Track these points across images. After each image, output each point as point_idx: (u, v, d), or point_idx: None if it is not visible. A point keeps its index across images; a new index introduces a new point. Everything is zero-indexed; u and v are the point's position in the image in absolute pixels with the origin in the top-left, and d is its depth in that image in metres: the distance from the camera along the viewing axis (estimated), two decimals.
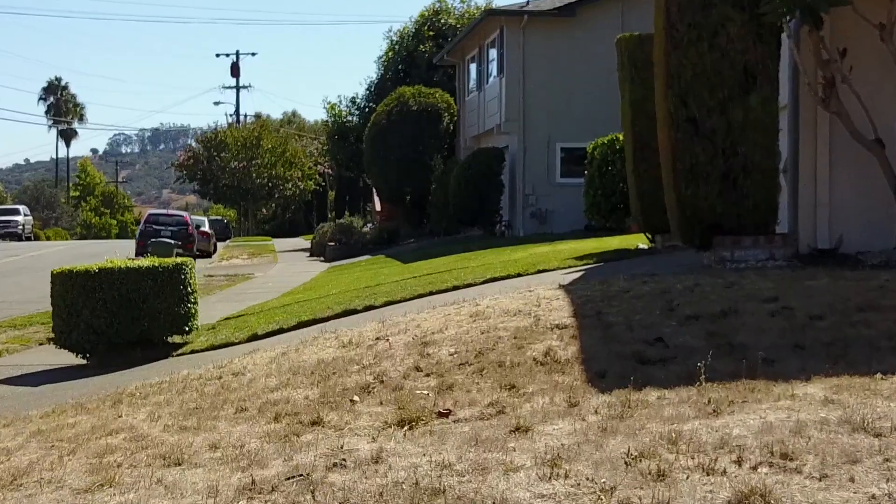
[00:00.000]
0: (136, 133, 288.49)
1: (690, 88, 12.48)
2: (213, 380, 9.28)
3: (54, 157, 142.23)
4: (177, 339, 15.06)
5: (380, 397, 7.61)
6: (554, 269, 14.67)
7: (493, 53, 36.53)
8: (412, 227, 45.02)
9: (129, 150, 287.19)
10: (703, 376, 6.90)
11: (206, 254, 46.54)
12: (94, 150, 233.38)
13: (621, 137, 17.01)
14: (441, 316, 10.81)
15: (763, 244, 12.51)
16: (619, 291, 10.96)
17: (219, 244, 58.84)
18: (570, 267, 14.85)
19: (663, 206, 13.24)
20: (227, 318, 18.47)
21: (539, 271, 14.68)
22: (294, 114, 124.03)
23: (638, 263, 14.29)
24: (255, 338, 13.87)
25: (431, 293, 14.15)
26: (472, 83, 40.22)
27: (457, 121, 42.66)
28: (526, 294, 11.48)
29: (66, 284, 14.42)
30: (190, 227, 41.64)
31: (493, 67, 36.53)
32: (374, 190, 51.71)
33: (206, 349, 13.93)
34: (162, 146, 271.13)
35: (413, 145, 41.49)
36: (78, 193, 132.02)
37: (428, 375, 8.26)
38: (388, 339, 9.75)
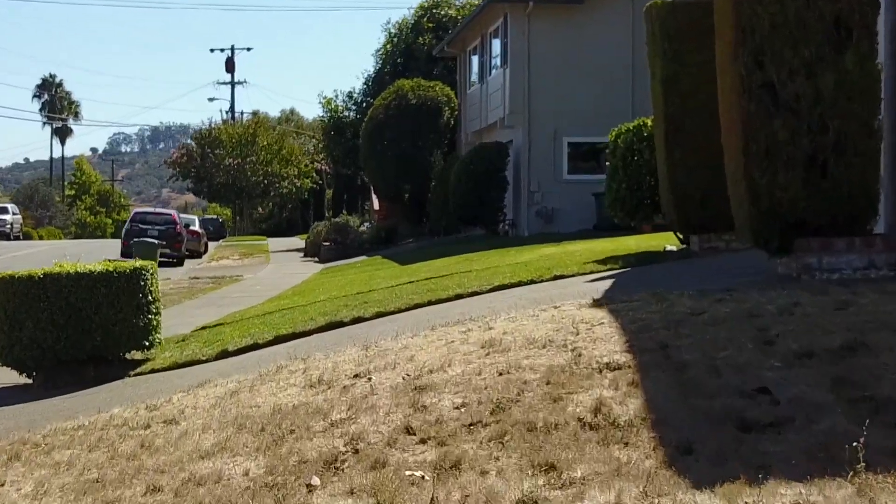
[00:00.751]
0: (135, 132, 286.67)
1: (767, 45, 9.82)
2: (138, 429, 7.22)
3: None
4: (137, 355, 13.11)
5: (350, 480, 5.50)
6: (573, 275, 12.63)
7: (497, 43, 34.58)
8: (411, 227, 43.08)
9: (128, 150, 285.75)
10: (862, 461, 4.65)
11: (197, 254, 44.61)
12: (94, 150, 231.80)
13: (649, 122, 14.96)
14: (442, 343, 8.44)
15: (860, 248, 9.91)
16: (688, 314, 8.29)
17: (213, 244, 56.96)
18: (592, 273, 12.83)
19: (700, 199, 11.29)
20: (202, 328, 16.56)
21: (555, 277, 12.63)
22: (292, 111, 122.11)
23: (679, 270, 12.08)
24: (224, 354, 11.94)
25: (430, 303, 12.20)
26: (474, 75, 38.26)
27: (458, 115, 40.70)
28: (553, 313, 9.00)
29: (7, 292, 12.44)
30: (178, 226, 39.69)
31: (497, 58, 34.58)
32: (372, 188, 49.78)
33: (169, 368, 11.99)
34: (162, 145, 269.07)
35: (412, 141, 39.54)
36: (74, 192, 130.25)
37: (424, 442, 6.02)
38: (370, 378, 7.52)
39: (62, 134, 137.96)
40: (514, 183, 32.77)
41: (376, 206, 50.71)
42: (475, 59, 38.02)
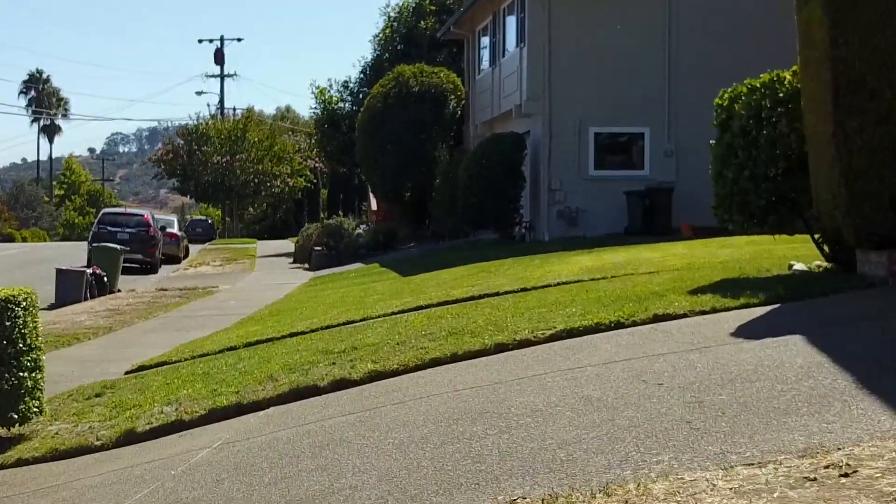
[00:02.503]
0: (133, 132, 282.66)
1: None
2: None
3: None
4: (1, 431, 8.78)
5: None
6: (683, 315, 8.02)
7: (512, 21, 30.31)
8: (412, 229, 38.82)
9: (126, 150, 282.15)
10: None
11: (175, 259, 40.33)
12: (92, 150, 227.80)
13: (787, 77, 10.48)
14: None
15: None
16: None
17: (199, 247, 52.70)
18: (715, 311, 7.96)
19: (893, 196, 6.92)
20: (136, 370, 12.35)
21: (656, 318, 8.07)
22: (288, 109, 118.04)
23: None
24: (131, 438, 7.70)
25: (455, 358, 7.86)
26: (485, 59, 33.95)
27: (465, 104, 36.42)
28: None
29: None
30: (151, 229, 35.37)
31: (511, 37, 30.29)
32: (369, 186, 45.46)
33: (44, 458, 7.73)
34: (160, 145, 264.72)
35: (414, 133, 35.25)
36: (63, 192, 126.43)
37: None
38: None
39: (50, 132, 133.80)
40: (532, 179, 28.53)
41: (374, 206, 46.42)
42: (485, 41, 33.73)
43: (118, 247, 27.79)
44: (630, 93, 27.65)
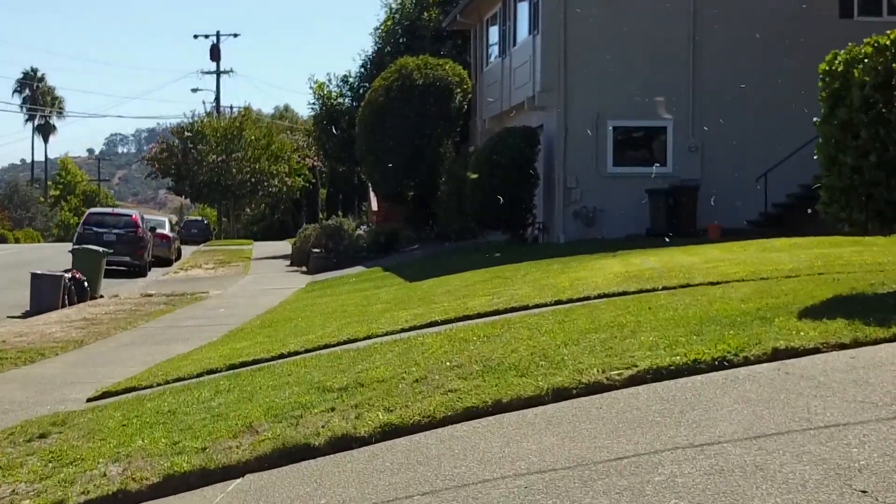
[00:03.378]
0: (132, 133, 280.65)
1: None
2: None
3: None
4: None
5: None
6: (815, 350, 5.93)
7: (524, 7, 28.35)
8: (415, 230, 36.85)
9: (125, 150, 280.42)
10: None
11: (166, 261, 38.38)
12: (91, 150, 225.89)
13: None
14: None
15: None
16: None
17: (192, 248, 50.76)
18: (856, 343, 5.93)
19: None
20: (98, 397, 10.40)
21: (776, 354, 5.90)
22: (286, 108, 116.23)
23: None
24: None
25: (499, 407, 5.75)
26: (493, 49, 31.95)
27: (471, 98, 34.45)
28: None
29: None
30: (139, 230, 33.38)
31: (524, 24, 28.31)
32: (370, 185, 43.50)
33: None
34: (153, 144, 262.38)
35: (417, 128, 33.28)
36: (58, 192, 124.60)
37: None
38: None
39: (45, 131, 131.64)
40: (545, 177, 26.57)
41: (374, 206, 44.45)
42: (494, 30, 31.76)
43: (100, 249, 25.80)
44: (652, 83, 25.72)
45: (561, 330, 7.99)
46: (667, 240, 22.72)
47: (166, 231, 39.28)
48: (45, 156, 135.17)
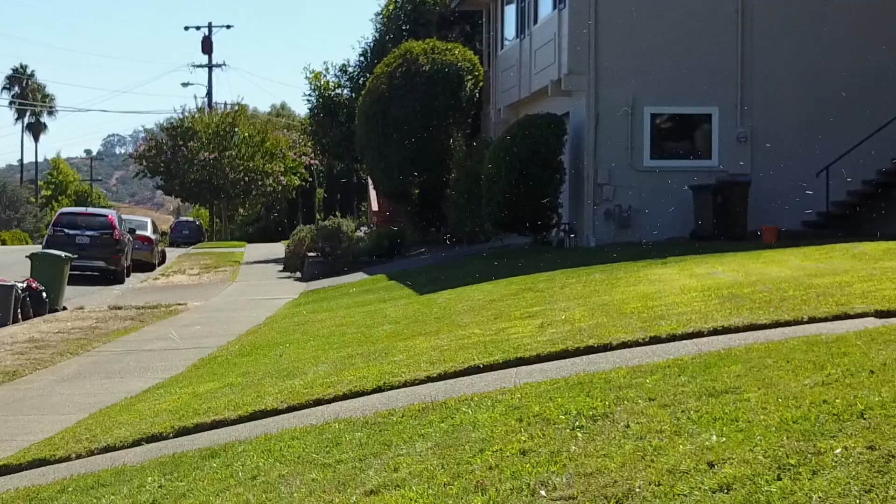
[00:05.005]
0: (129, 133, 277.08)
1: None
2: None
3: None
4: None
5: None
6: None
7: None
8: (421, 232, 33.63)
9: (123, 151, 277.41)
10: None
11: (148, 266, 35.05)
12: (88, 151, 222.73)
13: None
14: None
15: None
16: None
17: (181, 250, 47.45)
18: None
19: None
20: None
21: None
22: (283, 106, 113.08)
23: None
24: None
25: None
26: (510, 30, 28.63)
27: (483, 87, 31.17)
28: None
29: None
30: (116, 232, 30.05)
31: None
32: (371, 182, 40.21)
33: None
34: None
35: (424, 119, 30.03)
36: (50, 192, 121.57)
37: None
38: None
39: (35, 130, 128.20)
40: (572, 172, 23.30)
41: (375, 206, 41.14)
42: (511, 9, 28.45)
43: (62, 254, 22.46)
44: (695, 64, 22.51)
45: (762, 414, 4.63)
46: (718, 242, 19.54)
47: (148, 233, 35.91)
48: (35, 155, 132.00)
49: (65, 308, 22.06)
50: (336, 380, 8.21)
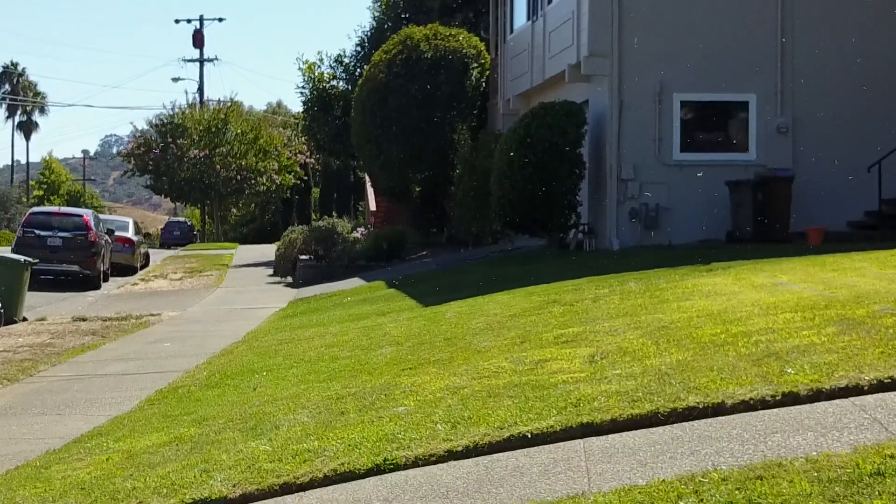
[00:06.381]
0: (127, 134, 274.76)
1: None
2: None
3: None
4: None
5: None
6: None
7: None
8: (422, 233, 31.27)
9: (120, 151, 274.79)
10: None
11: (129, 269, 32.62)
12: (85, 151, 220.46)
13: None
14: None
15: None
16: None
17: (170, 252, 45.05)
18: None
19: None
20: None
21: None
22: (279, 104, 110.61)
23: None
24: None
25: None
26: (520, 12, 26.18)
27: (490, 75, 28.78)
28: None
29: None
30: (92, 233, 27.62)
31: None
32: (368, 180, 37.81)
33: None
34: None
35: (425, 110, 27.68)
36: (42, 192, 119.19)
37: None
38: None
39: (26, 128, 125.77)
40: (592, 167, 20.89)
41: (373, 205, 38.72)
42: None
43: (21, 259, 20.02)
44: (731, 46, 20.14)
45: None
46: (759, 244, 17.16)
47: (129, 234, 33.43)
48: (27, 154, 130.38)
49: (25, 319, 19.66)
50: (317, 446, 5.81)
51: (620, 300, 11.84)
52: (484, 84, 28.77)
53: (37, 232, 27.64)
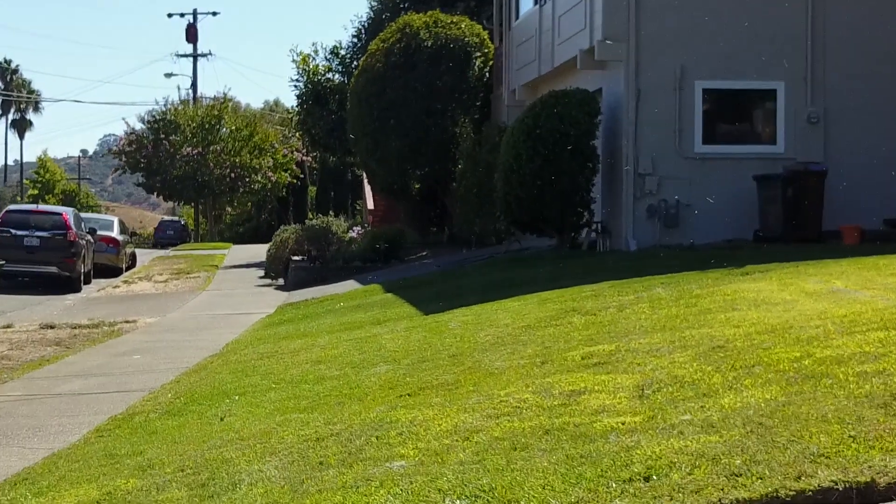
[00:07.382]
0: (123, 132, 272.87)
1: None
2: None
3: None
4: None
5: None
6: None
7: None
8: (422, 233, 29.71)
9: (112, 148, 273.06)
10: None
11: (114, 270, 31.02)
12: (84, 151, 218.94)
13: None
14: None
15: None
16: None
17: (160, 252, 43.47)
18: None
19: None
20: None
21: None
22: (276, 102, 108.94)
23: None
24: None
25: None
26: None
27: (494, 66, 27.18)
28: None
29: None
30: (71, 233, 25.99)
31: None
32: (365, 177, 36.20)
33: None
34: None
35: (426, 102, 26.10)
36: (36, 192, 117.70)
37: None
38: None
39: (20, 126, 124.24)
40: (606, 160, 19.30)
41: (371, 204, 37.12)
42: None
43: None
44: (756, 30, 18.55)
45: None
46: (791, 245, 15.61)
47: (114, 234, 31.80)
48: (21, 152, 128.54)
49: None
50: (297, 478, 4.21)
51: (651, 309, 10.25)
52: (487, 74, 27.18)
53: (13, 231, 26.06)
